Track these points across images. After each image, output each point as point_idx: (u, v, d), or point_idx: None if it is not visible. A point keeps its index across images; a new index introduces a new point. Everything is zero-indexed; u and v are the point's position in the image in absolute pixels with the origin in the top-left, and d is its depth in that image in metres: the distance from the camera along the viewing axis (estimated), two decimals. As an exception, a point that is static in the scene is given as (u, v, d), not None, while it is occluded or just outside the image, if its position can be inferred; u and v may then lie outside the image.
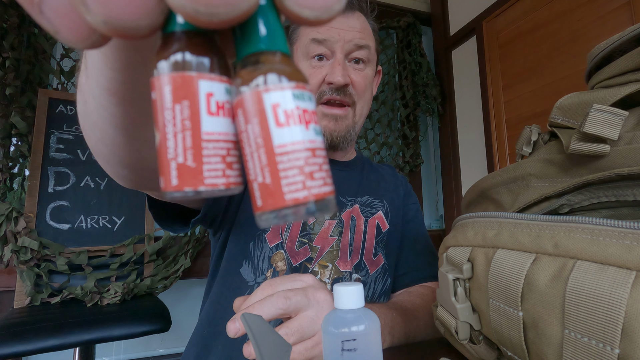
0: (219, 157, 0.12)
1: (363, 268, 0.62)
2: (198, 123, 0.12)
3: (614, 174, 0.25)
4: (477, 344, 0.34)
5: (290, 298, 0.37)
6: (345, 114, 0.61)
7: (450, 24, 2.14)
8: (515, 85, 1.69)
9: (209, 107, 0.12)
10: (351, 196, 0.66)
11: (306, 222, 0.61)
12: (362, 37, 0.61)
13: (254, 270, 0.57)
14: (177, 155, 0.12)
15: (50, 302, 1.18)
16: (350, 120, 0.62)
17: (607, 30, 1.32)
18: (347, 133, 0.62)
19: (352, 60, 0.62)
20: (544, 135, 0.36)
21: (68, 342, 0.92)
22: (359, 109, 0.63)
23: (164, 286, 1.34)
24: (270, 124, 0.11)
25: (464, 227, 0.35)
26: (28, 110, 1.33)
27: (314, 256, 0.60)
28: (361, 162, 0.74)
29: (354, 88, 0.61)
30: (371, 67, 0.64)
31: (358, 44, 0.60)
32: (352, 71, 0.61)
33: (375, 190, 0.69)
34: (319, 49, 0.60)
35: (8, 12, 1.31)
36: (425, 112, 2.16)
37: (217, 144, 0.12)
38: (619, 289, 0.20)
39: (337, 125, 0.61)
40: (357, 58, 0.62)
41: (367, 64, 0.63)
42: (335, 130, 0.61)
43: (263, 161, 0.11)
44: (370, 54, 0.63)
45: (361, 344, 0.28)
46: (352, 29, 0.60)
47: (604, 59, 0.33)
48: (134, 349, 1.51)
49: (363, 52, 0.61)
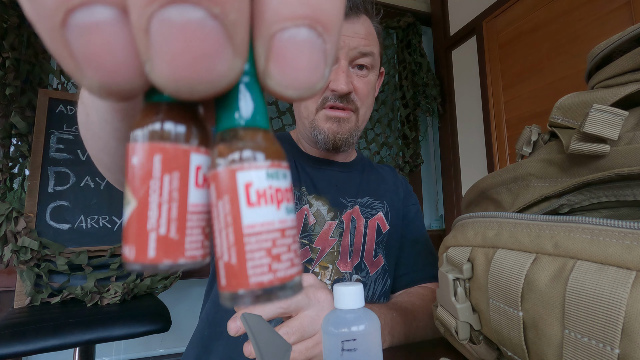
0: (199, 229, 0.12)
1: (363, 269, 0.63)
2: (185, 195, 0.12)
3: (614, 174, 0.25)
4: (477, 344, 0.34)
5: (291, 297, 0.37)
6: (348, 117, 0.62)
7: (450, 24, 2.14)
8: (515, 85, 1.69)
9: (197, 180, 0.12)
10: (351, 197, 0.66)
11: (307, 223, 0.61)
12: (367, 43, 0.60)
13: None
14: (160, 226, 0.11)
15: (50, 302, 1.18)
16: (353, 124, 0.63)
17: (607, 30, 1.32)
18: (349, 136, 0.63)
19: (355, 67, 0.62)
20: (544, 135, 0.36)
21: (68, 342, 0.92)
22: (362, 114, 0.64)
23: (164, 286, 1.34)
24: (241, 203, 0.11)
25: (464, 227, 0.35)
26: (28, 110, 1.33)
27: (314, 257, 0.60)
28: (361, 163, 0.74)
29: (357, 95, 0.61)
30: (374, 72, 0.64)
31: (362, 51, 0.60)
32: (356, 78, 0.61)
33: (376, 191, 0.70)
34: None
35: (8, 12, 1.31)
36: (425, 112, 2.16)
37: (200, 216, 0.12)
38: (619, 289, 0.20)
39: (340, 127, 0.61)
40: (361, 64, 0.61)
41: (370, 70, 0.63)
42: (338, 133, 0.61)
43: (230, 240, 0.11)
44: (374, 59, 0.63)
45: (361, 344, 0.28)
46: (357, 35, 0.60)
47: (604, 59, 0.33)
48: (134, 349, 1.51)
49: (367, 59, 0.61)
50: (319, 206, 0.63)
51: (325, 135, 0.61)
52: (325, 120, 0.61)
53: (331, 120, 0.61)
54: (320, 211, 0.63)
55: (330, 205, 0.64)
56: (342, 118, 0.61)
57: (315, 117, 0.62)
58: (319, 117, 0.61)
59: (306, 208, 0.62)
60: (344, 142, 0.62)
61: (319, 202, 0.64)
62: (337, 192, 0.66)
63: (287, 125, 1.78)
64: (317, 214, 0.63)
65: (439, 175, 2.24)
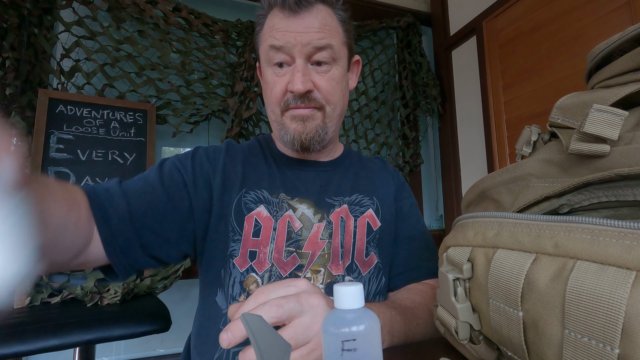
0: None
1: (355, 269, 0.61)
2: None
3: (614, 174, 0.25)
4: (477, 344, 0.34)
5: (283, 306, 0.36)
6: (312, 114, 0.59)
7: (450, 24, 2.14)
8: (515, 85, 1.69)
9: None
10: (338, 196, 0.65)
11: (292, 230, 0.60)
12: (322, 37, 0.57)
13: (225, 298, 0.57)
14: None
15: (50, 302, 1.18)
16: (320, 121, 0.60)
17: (607, 30, 1.32)
18: (316, 134, 0.60)
19: (314, 63, 0.58)
20: (544, 135, 0.36)
21: (68, 342, 0.92)
22: (330, 111, 0.60)
23: (164, 286, 1.34)
24: None
25: (464, 227, 0.35)
26: (28, 110, 1.33)
27: (304, 263, 0.58)
28: (348, 158, 0.72)
29: (319, 92, 0.58)
30: (339, 65, 0.60)
31: (317, 45, 0.56)
32: (315, 75, 0.58)
33: (364, 188, 0.68)
34: (278, 55, 0.57)
35: (8, 12, 1.30)
36: (425, 112, 2.16)
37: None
38: (619, 289, 0.20)
39: (304, 126, 0.59)
40: (319, 61, 0.58)
41: (332, 64, 0.59)
42: (303, 132, 0.59)
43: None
44: (335, 52, 0.58)
45: (361, 344, 0.28)
46: (309, 29, 0.56)
47: (604, 59, 0.33)
48: (134, 349, 1.51)
49: (324, 54, 0.58)
50: (304, 209, 0.62)
51: (292, 135, 0.59)
52: (291, 120, 0.60)
53: (296, 120, 0.59)
54: (305, 214, 0.61)
55: (316, 207, 0.62)
56: (306, 116, 0.59)
57: (282, 119, 0.60)
58: (286, 117, 0.60)
59: (289, 214, 0.60)
60: (310, 140, 0.60)
61: (303, 205, 0.62)
62: (322, 193, 0.64)
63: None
64: (303, 217, 0.61)
65: (439, 175, 2.24)
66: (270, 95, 0.61)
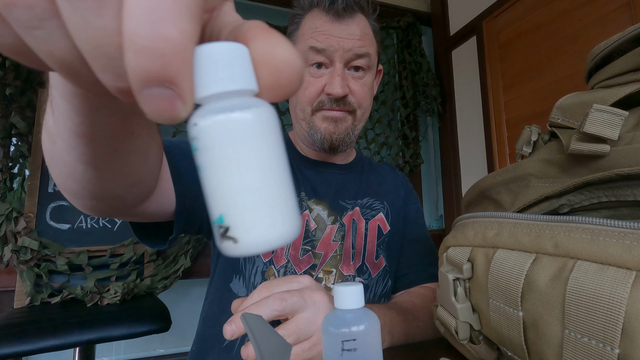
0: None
1: (365, 271, 0.62)
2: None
3: (614, 174, 0.25)
4: (477, 344, 0.34)
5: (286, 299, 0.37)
6: (344, 117, 0.61)
7: (450, 24, 2.14)
8: (515, 86, 1.69)
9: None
10: (351, 199, 0.66)
11: (309, 229, 0.61)
12: (362, 44, 0.59)
13: (245, 285, 0.57)
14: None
15: (50, 302, 1.18)
16: (350, 123, 0.62)
17: (607, 30, 1.32)
18: (346, 135, 0.62)
19: (351, 69, 0.61)
20: (544, 135, 0.36)
21: (68, 342, 0.92)
22: (359, 115, 0.63)
23: (164, 286, 1.34)
24: None
25: (464, 227, 0.35)
26: (28, 110, 1.33)
27: (317, 263, 0.60)
28: (360, 163, 0.74)
29: (353, 97, 0.61)
30: (371, 72, 0.64)
31: (357, 53, 0.59)
32: (352, 80, 0.60)
33: (376, 192, 0.69)
34: (318, 57, 0.59)
35: (8, 12, 1.30)
36: (425, 112, 2.16)
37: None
38: (619, 289, 0.20)
39: (336, 127, 0.61)
40: (357, 66, 0.61)
41: (366, 71, 0.62)
42: (335, 132, 0.61)
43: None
44: (371, 60, 0.62)
45: (361, 344, 0.28)
46: (351, 36, 0.59)
47: (604, 59, 0.33)
48: (134, 349, 1.51)
49: (363, 61, 0.60)
50: (319, 211, 0.63)
51: (322, 135, 0.61)
52: (322, 120, 0.61)
53: (328, 120, 0.61)
54: (320, 216, 0.63)
55: (330, 210, 0.64)
56: (338, 118, 0.61)
57: (312, 118, 0.61)
58: (316, 117, 0.61)
59: (306, 214, 0.62)
60: (340, 142, 0.62)
61: (319, 207, 0.63)
62: (337, 196, 0.65)
63: (287, 125, 1.78)
64: (318, 218, 0.62)
65: (439, 175, 2.24)
66: (302, 94, 0.61)
